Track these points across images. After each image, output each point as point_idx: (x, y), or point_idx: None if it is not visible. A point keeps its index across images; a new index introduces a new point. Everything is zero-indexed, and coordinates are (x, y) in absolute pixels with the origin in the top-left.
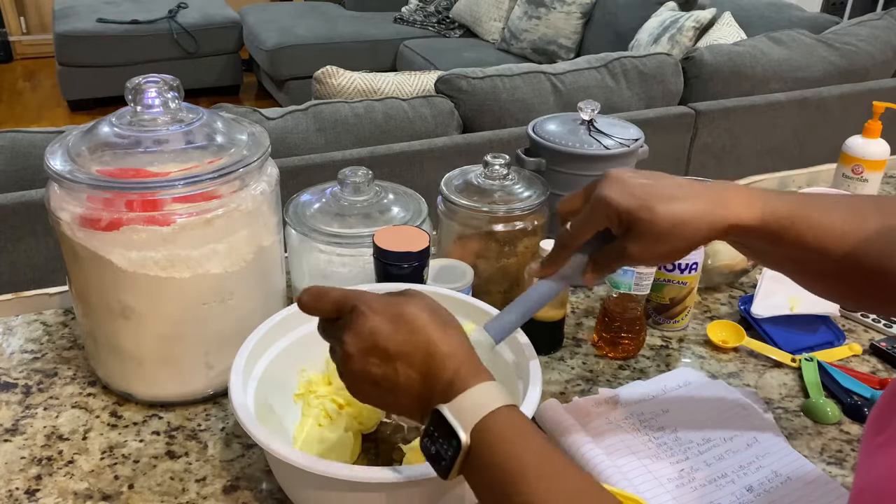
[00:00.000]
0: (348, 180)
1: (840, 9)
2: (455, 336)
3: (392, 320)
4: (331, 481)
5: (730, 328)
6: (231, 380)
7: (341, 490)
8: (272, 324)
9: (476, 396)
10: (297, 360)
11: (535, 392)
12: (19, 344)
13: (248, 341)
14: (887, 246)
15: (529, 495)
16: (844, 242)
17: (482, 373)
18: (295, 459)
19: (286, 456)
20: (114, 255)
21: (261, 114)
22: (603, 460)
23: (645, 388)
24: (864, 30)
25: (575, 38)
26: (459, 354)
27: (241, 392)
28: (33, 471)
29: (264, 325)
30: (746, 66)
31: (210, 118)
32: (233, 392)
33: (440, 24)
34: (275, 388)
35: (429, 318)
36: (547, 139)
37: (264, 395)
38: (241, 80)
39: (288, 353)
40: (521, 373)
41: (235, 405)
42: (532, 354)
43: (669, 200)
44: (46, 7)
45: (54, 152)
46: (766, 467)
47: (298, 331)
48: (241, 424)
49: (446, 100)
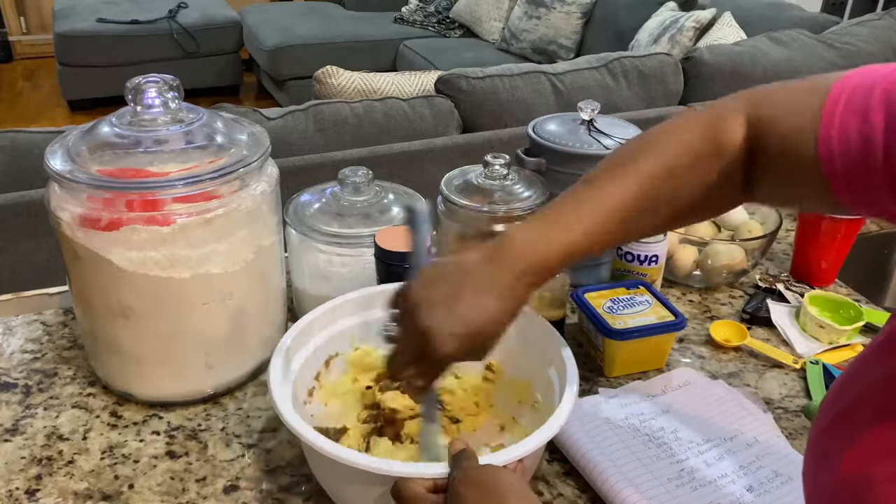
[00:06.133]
0: (348, 180)
1: (840, 9)
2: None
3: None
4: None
5: (733, 328)
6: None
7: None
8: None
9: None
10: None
11: (573, 389)
12: (19, 344)
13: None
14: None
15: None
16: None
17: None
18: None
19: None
20: (114, 255)
21: (261, 114)
22: (603, 460)
23: (645, 388)
24: (864, 30)
25: (575, 38)
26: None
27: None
28: (33, 471)
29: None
30: (746, 66)
31: (210, 118)
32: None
33: (440, 24)
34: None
35: None
36: (547, 139)
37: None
38: (241, 80)
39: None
40: (553, 360)
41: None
42: (562, 342)
43: (457, 325)
44: (46, 7)
45: (54, 152)
46: (766, 467)
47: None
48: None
49: (446, 100)
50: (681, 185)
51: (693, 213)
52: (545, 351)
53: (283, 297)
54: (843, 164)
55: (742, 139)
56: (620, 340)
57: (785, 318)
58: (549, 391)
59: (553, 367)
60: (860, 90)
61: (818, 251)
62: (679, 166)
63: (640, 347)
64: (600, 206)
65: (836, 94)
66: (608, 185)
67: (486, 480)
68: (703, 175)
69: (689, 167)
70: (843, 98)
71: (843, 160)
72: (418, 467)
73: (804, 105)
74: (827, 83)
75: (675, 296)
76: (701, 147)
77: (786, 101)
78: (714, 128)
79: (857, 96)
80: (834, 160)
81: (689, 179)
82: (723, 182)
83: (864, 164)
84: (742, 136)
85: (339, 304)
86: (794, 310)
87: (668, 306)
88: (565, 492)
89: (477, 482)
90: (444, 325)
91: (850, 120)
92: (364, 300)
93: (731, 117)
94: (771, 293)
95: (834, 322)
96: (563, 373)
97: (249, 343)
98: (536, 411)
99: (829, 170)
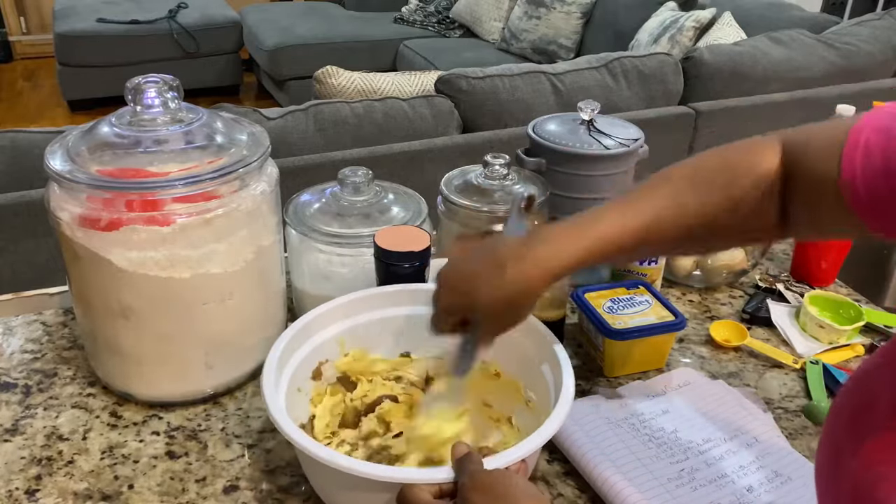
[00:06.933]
0: (348, 180)
1: (840, 9)
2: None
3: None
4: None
5: (733, 328)
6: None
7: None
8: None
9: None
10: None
11: (570, 382)
12: (19, 344)
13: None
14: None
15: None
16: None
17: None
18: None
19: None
20: (114, 255)
21: (261, 114)
22: (603, 461)
23: (645, 388)
24: (864, 30)
25: (575, 38)
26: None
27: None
28: (33, 471)
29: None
30: (746, 66)
31: (210, 118)
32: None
33: (440, 24)
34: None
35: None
36: (547, 139)
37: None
38: (241, 80)
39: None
40: (546, 357)
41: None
42: (554, 339)
43: (489, 286)
44: (46, 7)
45: (54, 152)
46: (766, 467)
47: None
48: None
49: (446, 100)
50: (719, 228)
51: (727, 244)
52: (538, 349)
53: (283, 297)
54: (865, 186)
55: (777, 169)
56: (620, 340)
57: (785, 318)
58: (545, 390)
59: (546, 364)
60: (887, 114)
61: (818, 251)
62: (722, 209)
63: (640, 347)
64: (636, 230)
65: (863, 122)
66: (649, 209)
67: (495, 485)
68: (740, 204)
69: (729, 196)
70: (870, 123)
71: (865, 181)
72: (423, 473)
73: (832, 132)
74: (857, 116)
75: (675, 296)
76: (740, 179)
77: (816, 130)
78: (753, 160)
79: (883, 117)
80: (856, 183)
81: (727, 206)
82: (760, 211)
83: (886, 186)
84: (777, 166)
85: (332, 308)
86: (794, 310)
87: (668, 306)
88: (565, 492)
89: (486, 487)
90: (492, 284)
91: (874, 140)
92: (353, 304)
93: (768, 149)
94: (771, 293)
95: (834, 322)
96: (557, 371)
97: (249, 343)
98: (531, 410)
99: (853, 193)
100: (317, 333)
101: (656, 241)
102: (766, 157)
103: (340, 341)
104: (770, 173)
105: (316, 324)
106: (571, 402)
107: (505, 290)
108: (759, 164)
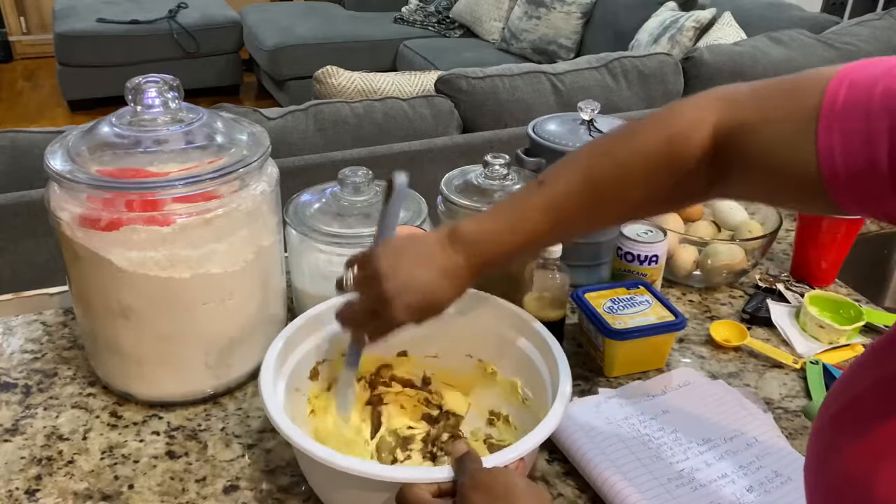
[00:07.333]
0: (348, 180)
1: (840, 9)
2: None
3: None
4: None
5: (733, 328)
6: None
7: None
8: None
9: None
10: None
11: (567, 379)
12: (19, 344)
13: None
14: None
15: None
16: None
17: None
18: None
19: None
20: (114, 255)
21: (261, 114)
22: (603, 461)
23: (645, 388)
24: (864, 30)
25: (575, 38)
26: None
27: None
28: (33, 471)
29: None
30: (746, 66)
31: (210, 118)
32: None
33: (440, 24)
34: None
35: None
36: (547, 139)
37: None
38: (241, 80)
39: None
40: (543, 355)
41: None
42: (550, 337)
43: (412, 286)
44: (46, 7)
45: (54, 152)
46: (766, 467)
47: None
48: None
49: (446, 100)
50: (635, 194)
51: (652, 211)
52: (536, 347)
53: (283, 297)
54: (847, 174)
55: (706, 150)
56: (620, 340)
57: (785, 318)
58: (542, 388)
59: (544, 362)
60: (859, 90)
61: (818, 251)
62: (632, 178)
63: (640, 347)
64: (550, 211)
65: (832, 97)
66: (561, 193)
67: (495, 484)
68: (658, 183)
69: (643, 179)
70: (839, 100)
71: (847, 170)
72: (422, 472)
73: (789, 109)
74: (819, 84)
75: (675, 296)
76: (658, 161)
77: (766, 107)
78: (674, 141)
79: (856, 98)
80: (837, 172)
81: (644, 189)
82: (683, 186)
83: (869, 171)
84: (707, 147)
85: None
86: (794, 310)
87: (668, 306)
88: (565, 492)
89: (485, 486)
90: (403, 295)
91: (852, 126)
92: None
93: (697, 129)
94: (771, 293)
95: (834, 322)
96: (554, 369)
97: (249, 343)
98: (529, 409)
99: (832, 180)
100: (314, 334)
101: (574, 233)
102: (693, 150)
103: (339, 341)
104: (697, 161)
105: (314, 324)
106: (569, 399)
107: (432, 293)
108: (687, 159)
